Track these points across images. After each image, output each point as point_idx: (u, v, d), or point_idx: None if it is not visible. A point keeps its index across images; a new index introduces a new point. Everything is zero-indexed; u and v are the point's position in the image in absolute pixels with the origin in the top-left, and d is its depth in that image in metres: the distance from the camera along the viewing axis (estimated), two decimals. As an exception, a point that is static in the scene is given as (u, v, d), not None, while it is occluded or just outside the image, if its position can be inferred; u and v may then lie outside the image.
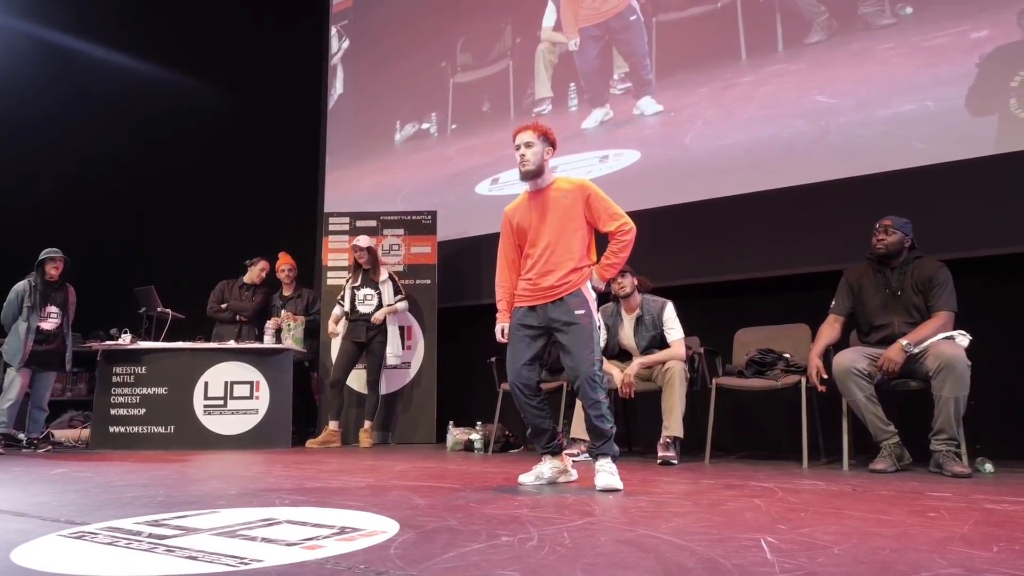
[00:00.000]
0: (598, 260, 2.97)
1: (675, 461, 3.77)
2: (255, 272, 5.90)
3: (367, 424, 5.30)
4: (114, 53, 7.26)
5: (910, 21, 4.31)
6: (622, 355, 4.28)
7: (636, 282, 4.16)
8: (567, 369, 2.89)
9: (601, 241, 2.98)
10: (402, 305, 5.45)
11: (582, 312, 2.84)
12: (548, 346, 3.05)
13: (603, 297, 3.39)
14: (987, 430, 3.61)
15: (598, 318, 2.95)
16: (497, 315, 3.10)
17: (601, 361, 2.89)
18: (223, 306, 5.81)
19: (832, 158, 4.43)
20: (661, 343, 4.14)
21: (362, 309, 5.36)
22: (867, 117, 4.36)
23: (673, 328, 4.11)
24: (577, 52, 5.66)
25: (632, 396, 4.01)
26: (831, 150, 4.45)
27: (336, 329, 5.40)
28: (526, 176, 2.95)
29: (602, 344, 4.24)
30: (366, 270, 5.42)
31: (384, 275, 5.45)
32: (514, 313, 3.00)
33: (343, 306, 5.42)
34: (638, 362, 4.04)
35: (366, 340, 5.31)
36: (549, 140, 2.97)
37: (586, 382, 2.78)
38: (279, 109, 7.31)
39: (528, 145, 2.92)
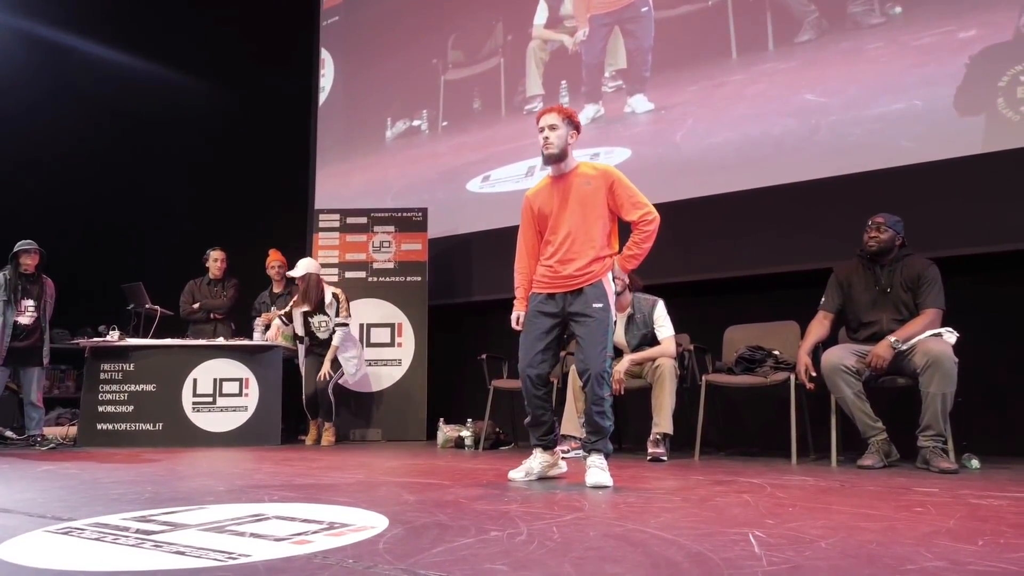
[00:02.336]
0: (620, 250, 2.92)
1: (665, 458, 3.79)
2: (213, 266, 5.84)
3: (327, 425, 5.22)
4: (103, 48, 7.20)
5: (899, 20, 4.33)
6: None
7: (627, 280, 4.17)
8: (577, 362, 2.85)
9: (623, 231, 2.93)
10: (338, 338, 5.17)
11: (600, 306, 2.79)
12: (562, 338, 2.99)
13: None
14: (974, 426, 3.64)
15: (614, 313, 2.88)
16: (514, 302, 3.05)
17: (612, 358, 2.86)
18: (195, 306, 5.75)
19: (821, 156, 4.45)
20: (652, 341, 4.15)
21: (320, 336, 5.24)
22: (856, 116, 4.38)
23: (663, 326, 4.12)
24: (584, 41, 5.62)
25: (622, 393, 4.02)
26: (820, 148, 4.47)
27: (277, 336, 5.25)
28: (549, 160, 2.88)
29: None
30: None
31: (329, 296, 5.24)
32: (531, 299, 2.94)
33: (285, 322, 5.26)
34: (628, 359, 4.05)
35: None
36: (573, 123, 2.89)
37: (595, 378, 2.75)
38: (269, 106, 7.28)
39: (552, 128, 2.84)
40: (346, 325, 5.23)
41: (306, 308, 5.23)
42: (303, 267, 5.21)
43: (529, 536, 1.72)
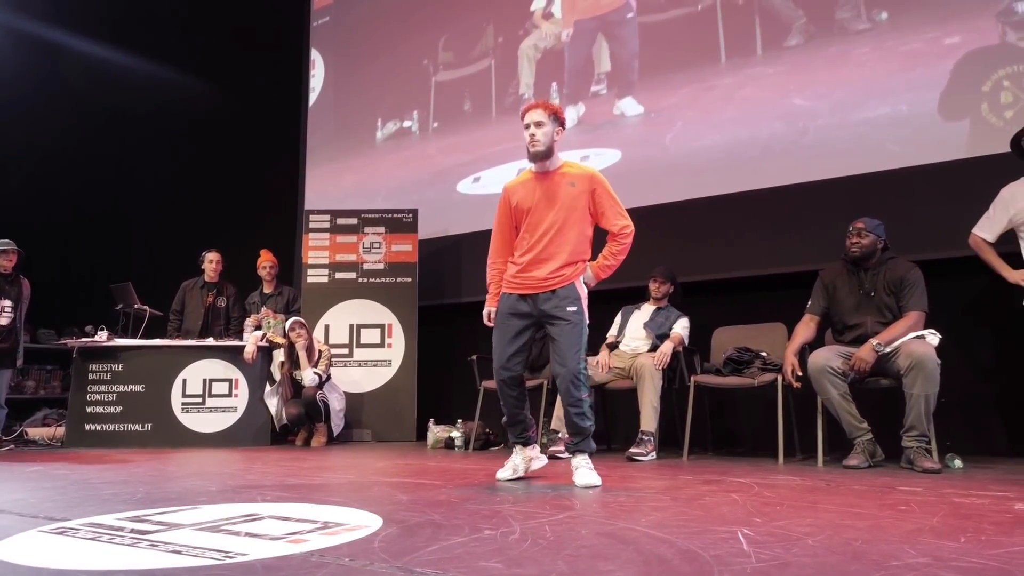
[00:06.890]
0: (593, 257, 2.92)
1: (641, 458, 3.80)
2: (208, 268, 5.74)
3: (318, 426, 5.16)
4: (92, 45, 7.16)
5: (885, 26, 4.39)
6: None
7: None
8: (553, 364, 2.85)
9: (599, 237, 2.95)
10: (308, 379, 5.05)
11: (573, 309, 2.79)
12: (535, 339, 2.99)
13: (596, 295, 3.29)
14: (956, 427, 3.69)
15: (587, 316, 2.88)
16: (487, 297, 3.03)
17: (586, 359, 2.87)
18: (202, 337, 5.51)
19: (809, 160, 4.50)
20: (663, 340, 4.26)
21: (305, 384, 5.09)
22: (843, 120, 4.43)
23: (681, 328, 4.29)
24: (568, 44, 5.66)
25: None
26: (808, 152, 4.52)
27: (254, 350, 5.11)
28: (535, 157, 2.86)
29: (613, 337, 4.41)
30: (299, 352, 5.13)
31: (316, 353, 5.17)
32: (503, 299, 2.93)
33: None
34: (670, 342, 4.16)
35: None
36: (559, 119, 2.87)
37: (571, 381, 2.76)
38: (259, 105, 7.25)
39: (538, 124, 2.82)
40: (319, 376, 5.09)
41: (295, 365, 5.18)
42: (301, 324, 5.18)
43: (522, 535, 1.75)
